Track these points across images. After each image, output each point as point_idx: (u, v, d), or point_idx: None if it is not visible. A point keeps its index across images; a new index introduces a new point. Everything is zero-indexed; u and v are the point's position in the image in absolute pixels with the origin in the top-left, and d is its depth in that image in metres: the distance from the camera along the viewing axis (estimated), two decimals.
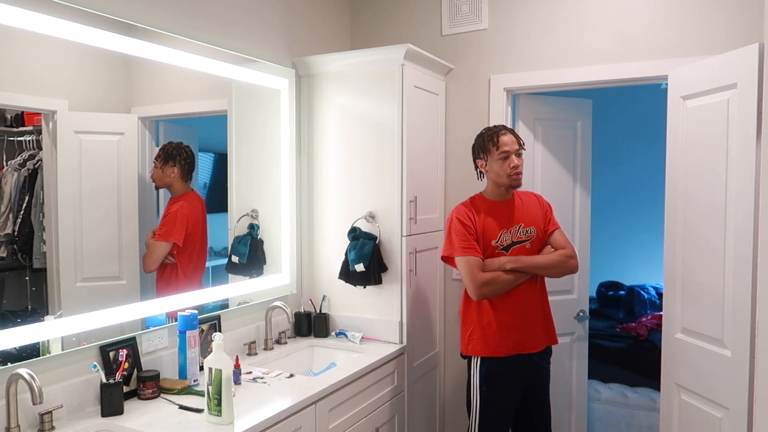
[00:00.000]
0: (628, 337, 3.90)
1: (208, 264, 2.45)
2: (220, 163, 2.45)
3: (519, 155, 2.25)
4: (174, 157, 1.88)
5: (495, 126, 2.33)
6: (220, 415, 1.72)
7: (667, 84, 2.46)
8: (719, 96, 2.12)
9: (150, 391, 1.92)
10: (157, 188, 1.87)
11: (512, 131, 2.29)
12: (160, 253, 2.06)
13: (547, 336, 2.35)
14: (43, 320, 1.73)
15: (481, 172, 2.35)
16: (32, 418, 1.66)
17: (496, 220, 2.28)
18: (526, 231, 2.30)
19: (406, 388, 2.65)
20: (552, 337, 2.37)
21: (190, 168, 1.93)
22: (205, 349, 2.17)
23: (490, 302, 2.25)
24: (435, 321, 2.97)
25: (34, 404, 1.54)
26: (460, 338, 2.38)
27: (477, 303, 2.27)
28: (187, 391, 1.99)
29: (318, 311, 2.76)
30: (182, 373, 2.05)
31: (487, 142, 2.27)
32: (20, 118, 1.75)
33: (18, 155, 1.77)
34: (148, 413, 1.82)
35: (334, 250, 2.77)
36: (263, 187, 2.63)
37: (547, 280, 2.36)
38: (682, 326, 2.31)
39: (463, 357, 2.37)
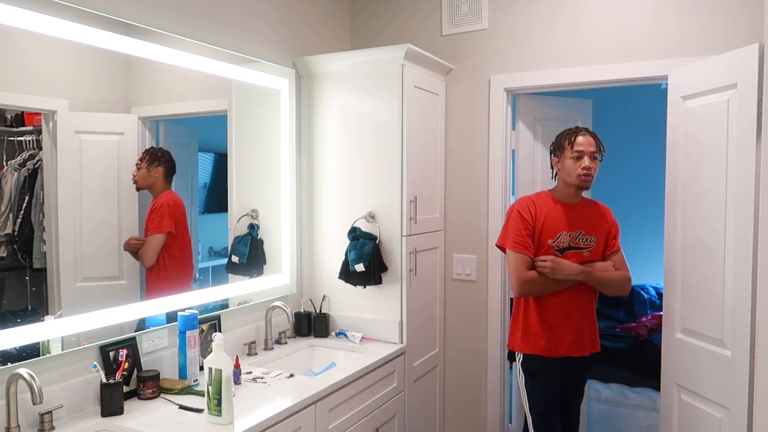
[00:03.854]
0: (628, 337, 3.90)
1: (208, 264, 2.46)
2: (220, 163, 2.45)
3: (593, 159, 2.22)
4: (159, 158, 1.93)
5: (577, 126, 2.32)
6: (220, 415, 1.72)
7: (667, 84, 2.46)
8: (719, 96, 2.12)
9: (150, 391, 1.92)
10: (138, 189, 1.90)
11: (593, 134, 2.26)
12: (157, 246, 2.07)
13: (591, 342, 2.32)
14: (43, 320, 1.73)
15: (555, 171, 2.33)
16: (32, 418, 1.66)
17: (557, 220, 2.25)
18: (586, 239, 2.27)
19: (406, 388, 2.65)
20: (595, 344, 2.34)
21: (172, 170, 2.00)
22: (205, 349, 2.17)
23: (537, 301, 2.25)
24: (435, 321, 2.97)
25: (34, 404, 1.54)
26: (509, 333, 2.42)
27: (525, 300, 2.28)
28: (187, 391, 1.99)
29: (318, 311, 2.76)
30: (182, 373, 2.05)
31: (563, 140, 2.26)
32: (20, 118, 1.75)
33: (18, 155, 1.77)
34: (148, 413, 1.82)
35: (334, 250, 2.77)
36: (263, 187, 2.63)
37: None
38: (682, 326, 2.31)
39: (510, 355, 2.39)
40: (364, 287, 2.66)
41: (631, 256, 2.43)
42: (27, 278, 1.76)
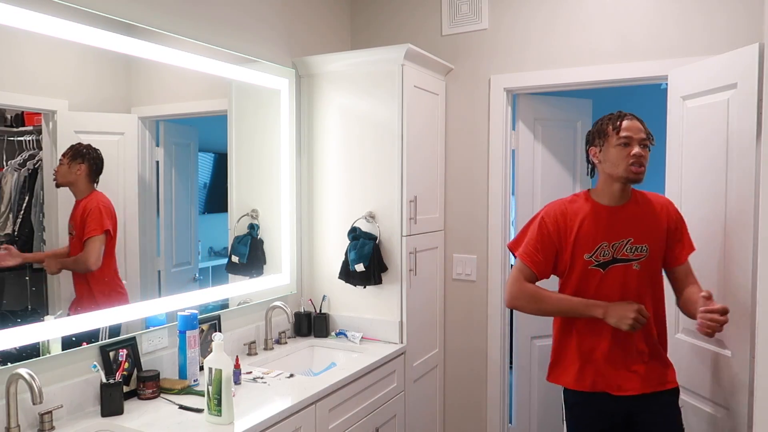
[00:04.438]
0: None
1: (208, 264, 2.46)
2: (220, 163, 2.45)
3: (644, 147, 1.83)
4: (83, 155, 1.84)
5: (620, 111, 1.91)
6: (220, 415, 1.72)
7: (667, 84, 2.46)
8: (719, 96, 2.11)
9: (150, 391, 1.92)
10: (58, 185, 1.80)
11: (641, 120, 1.88)
12: (99, 247, 1.94)
13: (648, 377, 1.86)
14: (42, 320, 1.73)
15: (592, 166, 1.95)
16: (32, 418, 1.66)
17: (596, 229, 1.87)
18: (636, 248, 1.86)
19: (406, 388, 2.65)
20: (660, 380, 1.88)
21: (97, 169, 1.87)
22: (205, 349, 2.17)
23: (575, 322, 1.91)
24: (435, 321, 2.97)
25: (34, 404, 1.54)
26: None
27: (562, 320, 1.93)
28: (187, 391, 1.99)
29: (318, 311, 2.76)
30: (182, 373, 2.05)
31: (606, 126, 1.87)
32: (20, 118, 1.75)
33: (18, 155, 1.77)
34: (148, 413, 1.82)
35: (334, 250, 2.77)
36: (263, 187, 2.63)
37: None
38: (682, 326, 2.31)
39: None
40: (364, 287, 2.66)
41: None
42: (27, 278, 1.76)
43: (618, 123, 1.85)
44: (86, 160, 1.85)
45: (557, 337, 1.98)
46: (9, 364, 1.62)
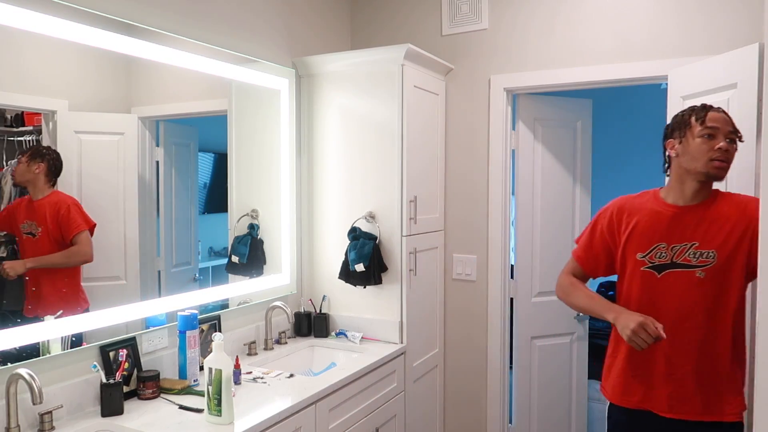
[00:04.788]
0: None
1: (208, 264, 2.46)
2: (220, 163, 2.45)
3: (731, 142, 1.65)
4: (43, 155, 1.84)
5: (704, 104, 1.73)
6: (220, 415, 1.72)
7: (667, 84, 2.46)
8: (719, 96, 2.11)
9: (150, 391, 1.92)
10: (15, 184, 1.78)
11: (727, 114, 1.70)
12: (90, 239, 1.94)
13: (703, 402, 1.66)
14: (43, 320, 1.73)
15: (668, 162, 1.77)
16: (32, 418, 1.66)
17: (654, 227, 1.71)
18: (700, 254, 1.65)
19: (406, 388, 2.65)
20: (717, 410, 1.66)
21: (56, 170, 1.86)
22: (205, 349, 2.17)
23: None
24: (435, 321, 2.97)
25: (34, 404, 1.54)
26: None
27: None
28: (187, 391, 1.99)
29: (318, 311, 2.76)
30: (182, 373, 2.05)
31: (688, 117, 1.70)
32: (20, 118, 1.75)
33: (18, 155, 1.77)
34: (148, 413, 1.82)
35: (334, 250, 2.77)
36: (263, 187, 2.63)
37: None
38: None
39: None
40: (364, 287, 2.66)
41: None
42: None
43: (703, 114, 1.67)
44: (45, 159, 1.83)
45: (611, 342, 1.85)
46: (9, 364, 1.62)
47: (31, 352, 1.68)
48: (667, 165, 1.77)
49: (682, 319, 1.66)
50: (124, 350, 1.91)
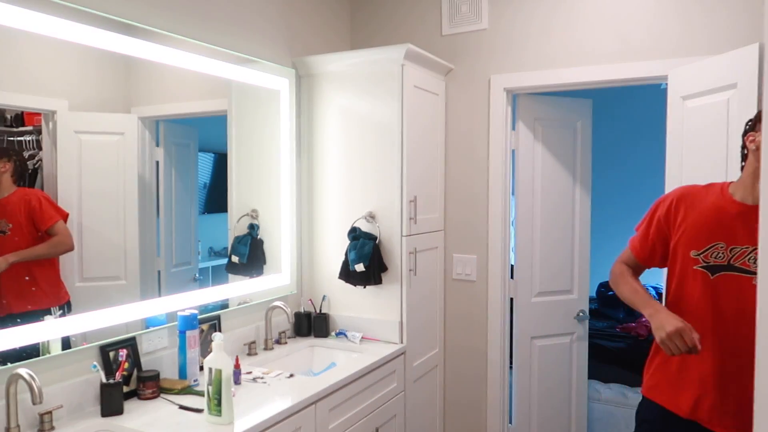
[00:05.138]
0: (628, 337, 3.90)
1: (208, 264, 2.46)
2: (220, 163, 2.45)
3: None
4: (10, 155, 1.85)
5: None
6: (220, 415, 1.72)
7: (667, 84, 2.46)
8: (719, 96, 2.12)
9: (150, 391, 1.92)
10: None
11: None
12: (67, 229, 1.90)
13: (742, 421, 1.52)
14: (43, 320, 1.73)
15: (744, 153, 1.59)
16: (32, 418, 1.66)
17: (714, 224, 1.56)
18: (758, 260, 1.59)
19: (406, 388, 2.65)
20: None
21: (22, 169, 1.88)
22: (205, 349, 2.17)
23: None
24: (435, 321, 2.97)
25: (34, 404, 1.54)
26: None
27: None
28: (187, 391, 1.99)
29: (318, 311, 2.76)
30: (182, 373, 2.05)
31: None
32: (20, 118, 1.75)
33: None
34: (148, 413, 1.82)
35: (334, 250, 2.77)
36: (263, 187, 2.63)
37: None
38: None
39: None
40: (364, 287, 2.66)
41: None
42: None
43: None
44: (12, 159, 1.83)
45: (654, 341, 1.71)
46: (9, 364, 1.62)
47: (31, 352, 1.68)
48: (744, 157, 1.61)
49: (739, 326, 1.51)
50: (124, 350, 1.91)
